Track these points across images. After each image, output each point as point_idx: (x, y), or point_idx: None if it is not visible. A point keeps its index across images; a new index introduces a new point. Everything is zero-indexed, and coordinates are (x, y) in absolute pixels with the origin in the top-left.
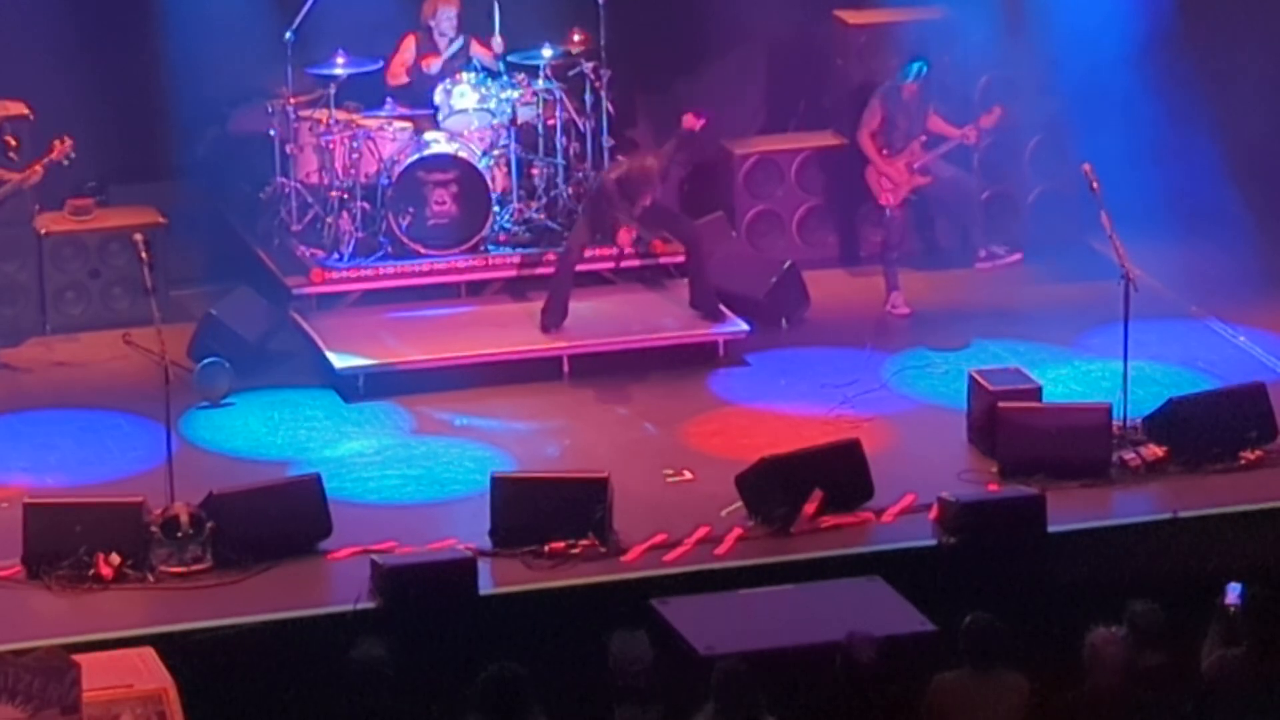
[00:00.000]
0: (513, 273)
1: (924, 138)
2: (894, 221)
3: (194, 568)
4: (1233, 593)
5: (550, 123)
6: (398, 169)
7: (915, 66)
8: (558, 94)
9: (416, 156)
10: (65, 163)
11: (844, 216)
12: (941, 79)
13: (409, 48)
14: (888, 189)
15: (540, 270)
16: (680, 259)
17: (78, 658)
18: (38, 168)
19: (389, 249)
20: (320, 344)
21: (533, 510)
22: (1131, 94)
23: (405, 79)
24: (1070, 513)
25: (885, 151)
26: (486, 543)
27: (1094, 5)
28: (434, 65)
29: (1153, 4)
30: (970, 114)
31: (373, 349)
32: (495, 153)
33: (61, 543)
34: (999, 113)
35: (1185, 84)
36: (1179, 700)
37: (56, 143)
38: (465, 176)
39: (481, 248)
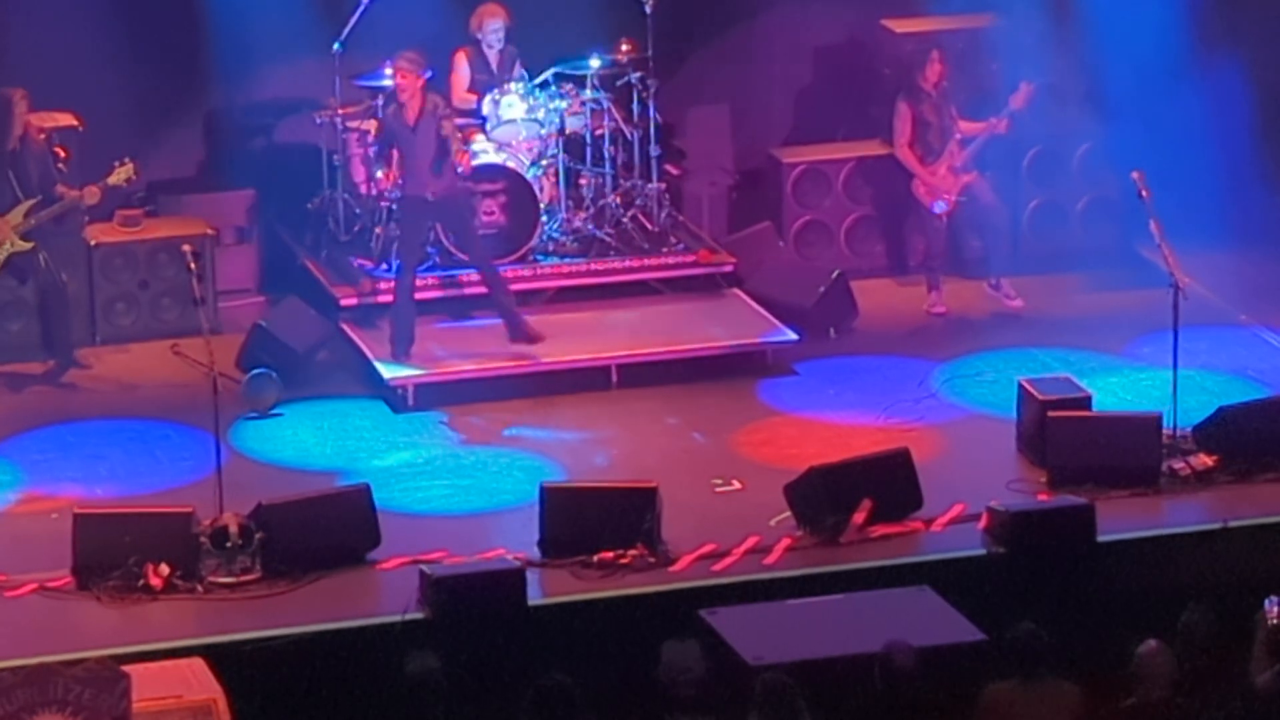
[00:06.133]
0: (561, 282)
1: (959, 136)
2: (938, 230)
3: (243, 578)
4: (1273, 606)
5: (598, 132)
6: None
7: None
8: (606, 104)
9: None
10: (125, 186)
11: (892, 226)
12: (987, 86)
13: (463, 66)
14: (938, 196)
15: (588, 280)
16: (728, 268)
17: (128, 668)
18: (95, 189)
19: (437, 259)
20: (369, 354)
21: (582, 520)
22: (1180, 100)
23: (474, 100)
24: (1120, 522)
25: (928, 159)
26: (535, 553)
27: (1143, 11)
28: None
29: (1201, 9)
30: (1029, 125)
31: (421, 359)
32: (543, 162)
33: (111, 553)
34: (1027, 90)
35: (1235, 90)
36: (1230, 712)
37: (118, 165)
38: (513, 186)
39: (530, 257)
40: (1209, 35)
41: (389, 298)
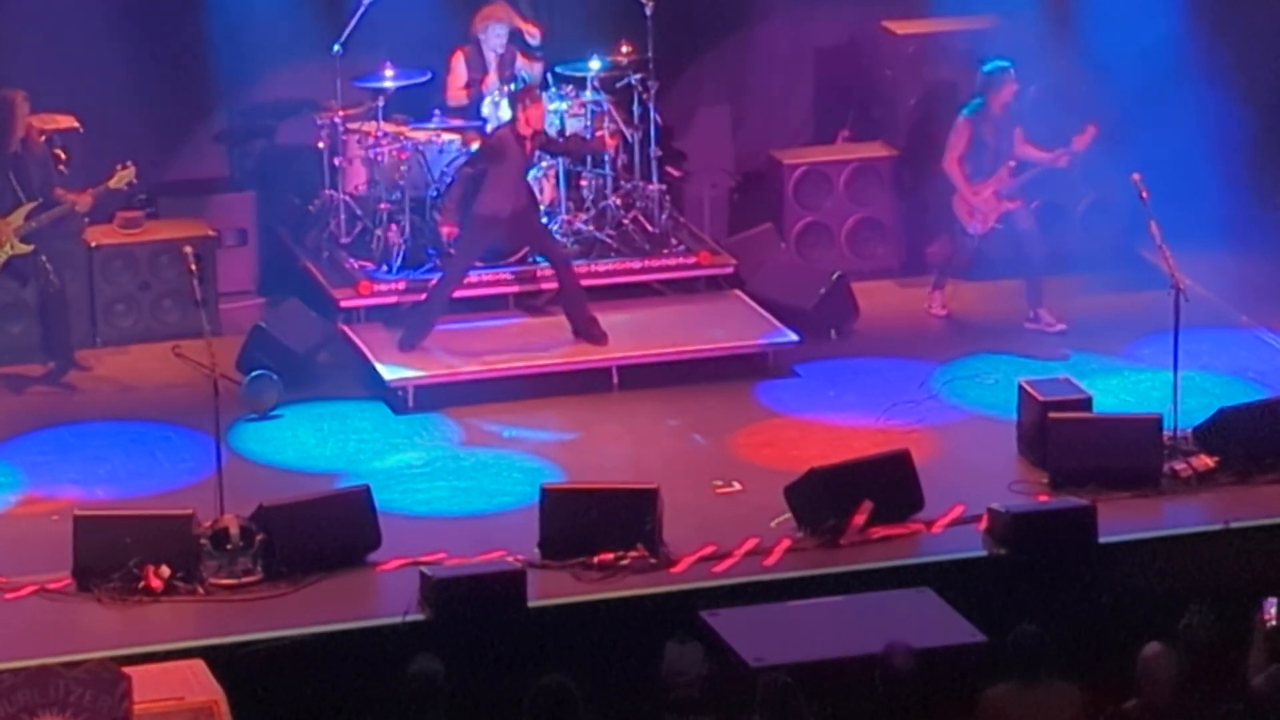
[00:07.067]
0: None
1: (1012, 163)
2: (966, 248)
3: (243, 579)
4: (1270, 608)
5: (598, 134)
6: (446, 180)
7: (999, 65)
8: (606, 105)
9: None
10: (125, 189)
11: (893, 228)
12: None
13: (459, 65)
14: (976, 217)
15: (587, 281)
16: (729, 270)
17: (128, 670)
18: (88, 196)
19: (437, 261)
20: (369, 356)
21: (582, 521)
22: (1181, 102)
23: (466, 98)
24: (1121, 523)
25: (975, 179)
26: (535, 554)
27: (1144, 13)
28: (489, 87)
29: (1201, 11)
30: (1030, 128)
31: (421, 361)
32: (543, 164)
33: (111, 555)
34: (1092, 132)
35: (1235, 91)
36: (1229, 712)
37: (119, 168)
38: None
39: (530, 259)
40: (1209, 36)
41: (395, 298)
